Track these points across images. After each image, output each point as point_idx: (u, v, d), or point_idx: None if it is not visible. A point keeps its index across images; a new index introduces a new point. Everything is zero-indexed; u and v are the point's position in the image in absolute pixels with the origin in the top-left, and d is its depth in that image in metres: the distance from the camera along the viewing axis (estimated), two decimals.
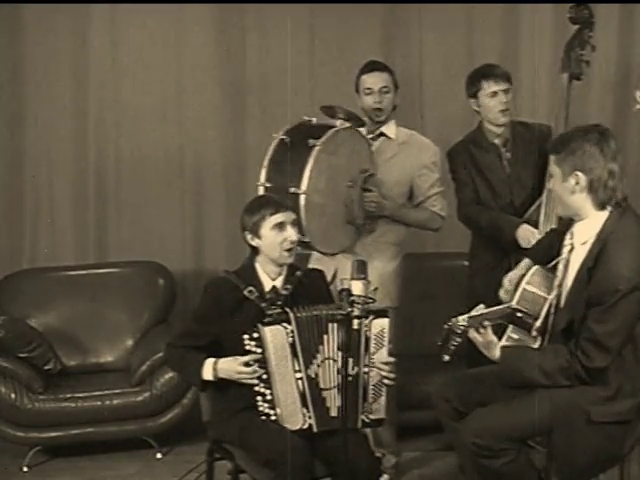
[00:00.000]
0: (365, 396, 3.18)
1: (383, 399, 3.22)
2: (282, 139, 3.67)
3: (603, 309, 2.90)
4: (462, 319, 3.03)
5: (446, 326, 3.05)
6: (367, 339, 3.17)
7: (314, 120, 3.76)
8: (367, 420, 3.20)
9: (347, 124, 3.72)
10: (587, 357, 2.93)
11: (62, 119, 5.20)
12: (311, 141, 3.58)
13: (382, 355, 3.19)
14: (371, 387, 3.19)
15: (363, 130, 3.94)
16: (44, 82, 5.17)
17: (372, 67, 3.99)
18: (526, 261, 3.36)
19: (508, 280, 3.36)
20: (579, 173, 2.96)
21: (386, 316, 3.20)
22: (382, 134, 4.02)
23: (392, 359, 3.21)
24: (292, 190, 3.53)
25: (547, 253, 3.27)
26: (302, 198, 3.53)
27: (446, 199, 4.09)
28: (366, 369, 3.17)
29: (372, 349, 3.18)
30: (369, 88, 3.97)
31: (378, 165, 3.89)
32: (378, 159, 3.92)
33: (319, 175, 3.59)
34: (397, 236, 4.05)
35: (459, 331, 3.01)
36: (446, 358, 3.07)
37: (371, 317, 3.16)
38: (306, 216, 3.54)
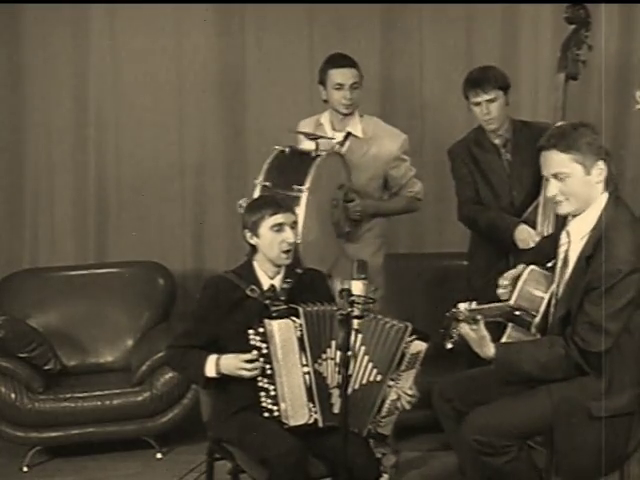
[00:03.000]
0: (380, 408, 3.19)
1: (394, 417, 3.23)
2: (265, 185, 3.65)
3: (602, 291, 2.90)
4: (464, 306, 3.03)
5: (448, 314, 3.05)
6: (403, 355, 3.17)
7: (287, 150, 3.74)
8: (373, 431, 3.20)
9: (324, 153, 3.72)
10: (584, 341, 2.93)
11: (62, 119, 5.20)
12: (296, 187, 3.58)
13: (409, 376, 3.20)
14: (389, 401, 3.19)
15: (332, 134, 3.98)
16: (44, 83, 5.17)
17: (342, 62, 3.99)
18: (522, 266, 3.35)
19: (504, 278, 3.35)
20: (600, 162, 2.99)
21: (427, 341, 3.20)
22: (349, 134, 4.03)
23: (417, 393, 3.21)
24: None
25: (546, 256, 3.27)
26: (300, 247, 3.49)
27: (420, 180, 4.15)
28: (391, 383, 3.17)
29: (403, 367, 3.18)
30: (339, 84, 3.96)
31: (351, 166, 3.90)
32: (350, 159, 3.93)
33: (310, 217, 3.60)
34: (381, 229, 4.13)
35: (461, 317, 3.00)
36: (449, 346, 3.07)
37: (414, 337, 3.17)
38: (306, 259, 3.53)
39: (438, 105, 5.13)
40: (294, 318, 3.14)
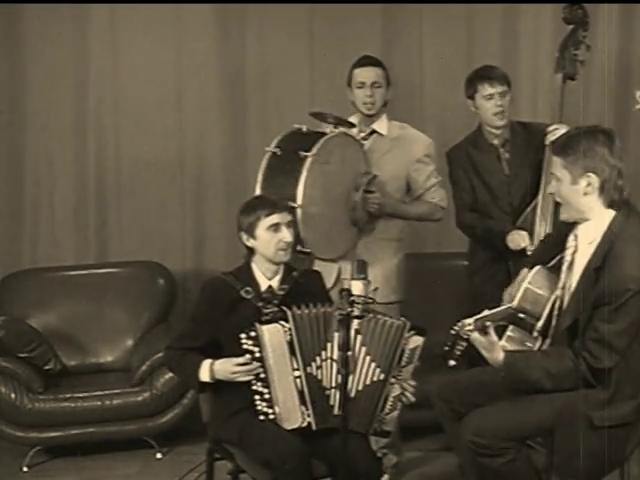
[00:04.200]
0: (384, 405, 3.19)
1: (396, 413, 3.23)
2: (274, 152, 3.67)
3: (612, 309, 2.87)
4: (468, 323, 3.02)
5: (453, 331, 3.04)
6: (402, 352, 3.17)
7: (304, 128, 3.75)
8: (378, 429, 3.21)
9: (337, 130, 3.74)
10: (594, 358, 2.91)
11: (62, 119, 5.21)
12: (302, 153, 3.58)
13: (408, 371, 3.20)
14: (391, 398, 3.20)
15: (354, 131, 3.97)
16: (45, 83, 5.17)
17: (365, 61, 4.00)
18: (525, 270, 3.34)
19: (508, 294, 3.36)
20: (591, 174, 2.93)
21: (424, 335, 3.20)
22: (374, 131, 4.03)
23: (415, 383, 3.21)
24: (288, 204, 3.49)
25: (548, 256, 3.26)
26: (298, 211, 3.53)
27: (444, 188, 4.10)
28: (393, 380, 3.17)
29: (403, 363, 3.18)
30: (361, 82, 3.97)
31: (372, 163, 3.90)
32: (372, 157, 3.92)
33: (313, 186, 3.60)
34: (397, 232, 4.07)
35: (466, 336, 3.00)
36: (452, 363, 3.07)
37: (412, 332, 3.17)
38: (304, 228, 3.54)
39: (438, 105, 5.14)
40: (283, 322, 3.13)
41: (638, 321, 2.92)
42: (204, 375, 3.23)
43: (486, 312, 3.09)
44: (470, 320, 3.02)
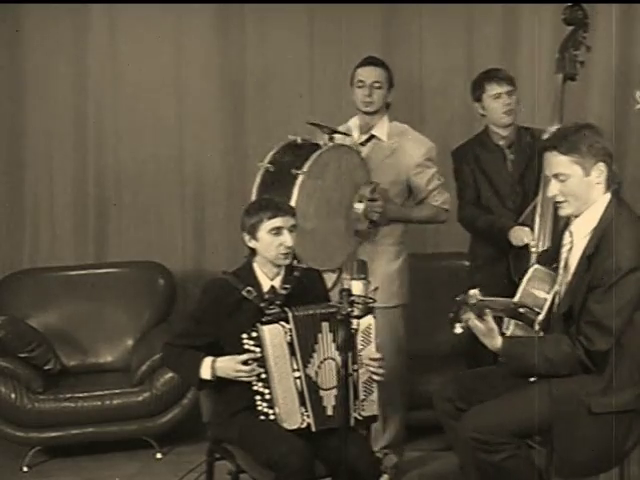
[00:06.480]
0: (356, 394, 3.19)
1: (374, 395, 3.24)
2: (267, 169, 3.66)
3: (604, 290, 2.92)
4: (474, 292, 3.01)
5: (458, 298, 3.02)
6: (352, 336, 3.15)
7: (299, 139, 3.73)
8: (360, 418, 3.21)
9: (331, 143, 3.73)
10: (588, 340, 2.95)
11: (62, 120, 5.20)
12: (294, 170, 3.58)
13: (370, 352, 3.21)
14: (361, 384, 3.21)
15: (355, 135, 3.98)
16: (45, 84, 5.17)
17: (368, 61, 3.99)
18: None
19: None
20: (601, 164, 3.01)
21: (371, 313, 3.16)
22: (373, 136, 4.01)
23: (379, 355, 3.22)
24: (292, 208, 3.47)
25: (550, 258, 3.28)
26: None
27: (447, 191, 4.08)
28: (355, 366, 3.17)
29: (359, 346, 3.19)
30: (361, 81, 3.96)
31: (372, 168, 3.89)
32: (371, 162, 3.91)
33: (307, 202, 3.59)
34: (397, 237, 4.06)
35: (472, 302, 2.98)
36: (458, 330, 3.02)
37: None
38: (299, 245, 3.47)
39: (438, 106, 5.14)
40: (283, 323, 3.14)
41: (631, 302, 2.96)
42: (205, 372, 3.22)
43: (477, 292, 3.08)
44: (476, 290, 3.01)
